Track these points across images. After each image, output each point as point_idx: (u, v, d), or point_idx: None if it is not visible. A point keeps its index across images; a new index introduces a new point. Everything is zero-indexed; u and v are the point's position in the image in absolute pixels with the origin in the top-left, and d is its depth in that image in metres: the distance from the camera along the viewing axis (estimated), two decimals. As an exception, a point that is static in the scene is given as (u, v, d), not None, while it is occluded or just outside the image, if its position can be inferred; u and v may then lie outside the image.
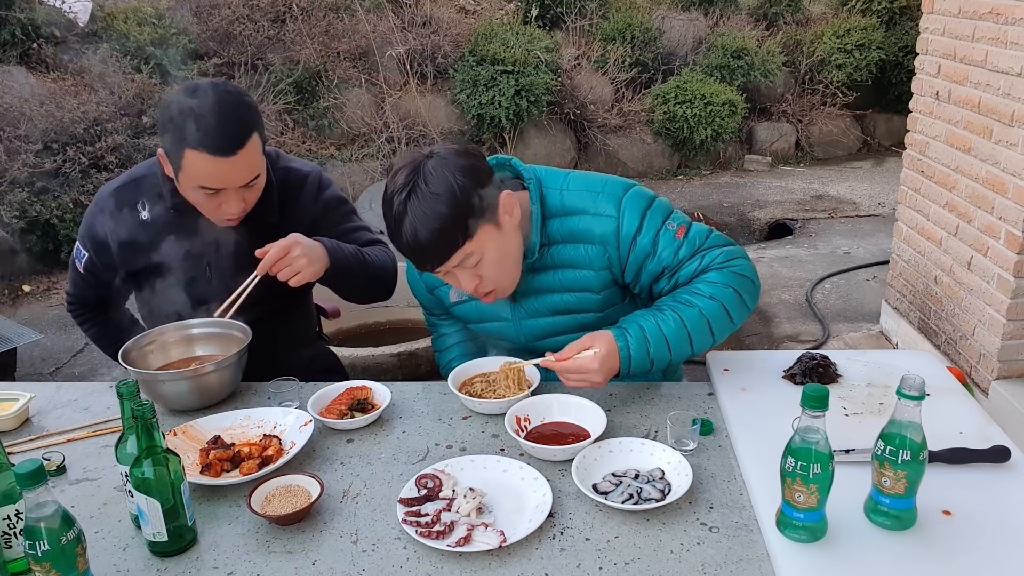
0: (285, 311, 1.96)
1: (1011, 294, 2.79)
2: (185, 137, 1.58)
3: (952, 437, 1.43)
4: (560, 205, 1.61)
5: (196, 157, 1.59)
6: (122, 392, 1.21)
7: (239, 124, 1.61)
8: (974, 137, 3.00)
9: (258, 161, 1.68)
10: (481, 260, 1.50)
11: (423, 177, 1.42)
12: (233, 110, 1.61)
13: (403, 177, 1.44)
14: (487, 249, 1.49)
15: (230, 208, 1.68)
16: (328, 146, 6.49)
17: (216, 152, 1.59)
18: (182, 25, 6.15)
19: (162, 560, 1.23)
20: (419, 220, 1.41)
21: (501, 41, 6.54)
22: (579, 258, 1.61)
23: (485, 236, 1.48)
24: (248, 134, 1.62)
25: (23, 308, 4.56)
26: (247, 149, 1.62)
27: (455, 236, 1.44)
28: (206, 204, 1.69)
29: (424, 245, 1.44)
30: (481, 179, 1.47)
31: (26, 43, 5.57)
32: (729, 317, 1.55)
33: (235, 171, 1.63)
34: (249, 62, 6.27)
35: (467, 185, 1.43)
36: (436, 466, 1.40)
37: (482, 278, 1.53)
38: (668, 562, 1.19)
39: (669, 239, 1.57)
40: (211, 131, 1.57)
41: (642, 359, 1.52)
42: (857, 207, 6.06)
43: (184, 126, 1.58)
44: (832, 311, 4.24)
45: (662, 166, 7.06)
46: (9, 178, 4.60)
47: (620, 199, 1.59)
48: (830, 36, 7.46)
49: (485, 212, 1.47)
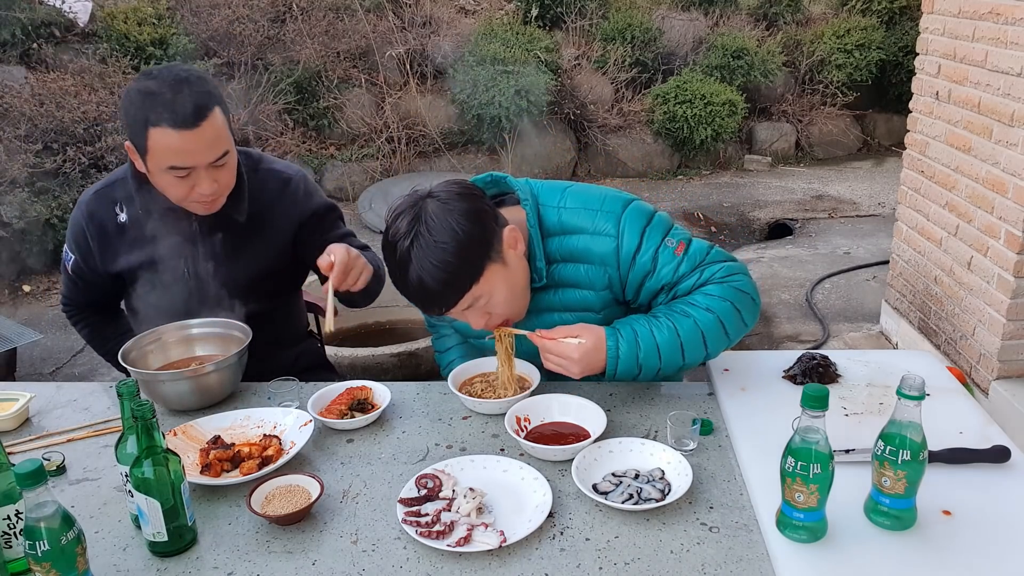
0: (269, 312, 1.95)
1: (1011, 294, 2.79)
2: (147, 117, 1.58)
3: (952, 437, 1.43)
4: (558, 224, 1.58)
5: (160, 134, 1.59)
6: (122, 392, 1.21)
7: (199, 96, 1.61)
8: (974, 137, 3.00)
9: (224, 135, 1.67)
10: (490, 300, 1.49)
11: (425, 224, 1.39)
12: (191, 84, 1.61)
13: (405, 223, 1.41)
14: (495, 289, 1.48)
15: (202, 188, 1.66)
16: (328, 146, 6.49)
17: (179, 125, 1.58)
18: (182, 25, 6.15)
19: (162, 560, 1.23)
20: (424, 270, 1.40)
21: (501, 41, 6.54)
22: (580, 278, 1.59)
23: (492, 276, 1.46)
24: (209, 107, 1.62)
25: (23, 308, 4.55)
26: (210, 121, 1.62)
27: (463, 282, 1.43)
28: (178, 189, 1.67)
29: (431, 293, 1.43)
30: (484, 221, 1.45)
31: (26, 43, 5.57)
32: (725, 332, 1.53)
33: (201, 143, 1.62)
34: (249, 62, 6.27)
35: (470, 230, 1.41)
36: (436, 466, 1.40)
37: (492, 314, 1.52)
38: (668, 562, 1.19)
39: (668, 256, 1.55)
40: (170, 105, 1.58)
41: (630, 363, 1.51)
42: (857, 207, 6.06)
43: (143, 106, 1.59)
44: (832, 311, 4.24)
45: (662, 166, 7.06)
46: (9, 178, 4.60)
47: (619, 217, 1.56)
48: (830, 36, 7.46)
49: (491, 253, 1.45)
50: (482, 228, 1.44)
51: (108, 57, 5.63)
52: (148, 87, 1.60)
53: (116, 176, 1.86)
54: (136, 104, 1.60)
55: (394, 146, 6.42)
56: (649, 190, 6.58)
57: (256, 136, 6.11)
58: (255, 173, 1.86)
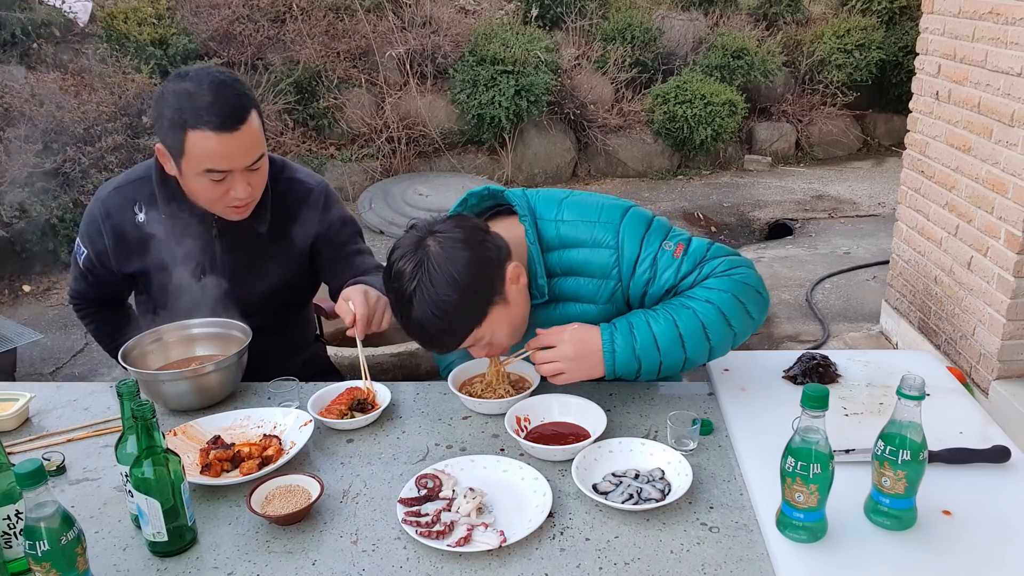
0: (281, 323, 1.95)
1: (1011, 294, 2.79)
2: (186, 119, 1.57)
3: (952, 437, 1.43)
4: (557, 238, 1.58)
5: (200, 137, 1.57)
6: (122, 392, 1.21)
7: (238, 97, 1.60)
8: (974, 137, 3.00)
9: (260, 138, 1.66)
10: (492, 336, 1.50)
11: (428, 272, 1.39)
12: (230, 86, 1.61)
13: (409, 267, 1.40)
14: (497, 328, 1.49)
15: (238, 192, 1.65)
16: (328, 146, 6.49)
17: (220, 128, 1.57)
18: (182, 25, 6.15)
19: (162, 560, 1.23)
20: (426, 317, 1.40)
21: (501, 41, 6.54)
22: (580, 291, 1.59)
23: (495, 318, 1.47)
24: (248, 108, 1.61)
25: (23, 308, 4.55)
26: (249, 124, 1.61)
27: (464, 329, 1.45)
28: (212, 193, 1.66)
29: (432, 338, 1.45)
30: (487, 269, 1.44)
31: (26, 43, 5.57)
32: (727, 323, 1.50)
33: (241, 147, 1.61)
34: (249, 62, 6.27)
35: (473, 281, 1.40)
36: (436, 466, 1.40)
37: (493, 345, 1.53)
38: (668, 562, 1.19)
39: (668, 260, 1.54)
40: (212, 107, 1.56)
41: (627, 355, 1.49)
42: (857, 207, 6.06)
43: (183, 108, 1.57)
44: (832, 311, 4.24)
45: (662, 166, 7.06)
46: (9, 178, 4.60)
47: (618, 227, 1.55)
48: (830, 36, 7.46)
49: (493, 298, 1.45)
50: (484, 277, 1.43)
51: (108, 57, 5.63)
52: (186, 89, 1.58)
53: (138, 174, 1.82)
54: (173, 106, 1.58)
55: (394, 146, 6.42)
56: (649, 190, 6.58)
57: (256, 136, 6.10)
58: (277, 182, 1.84)
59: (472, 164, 6.60)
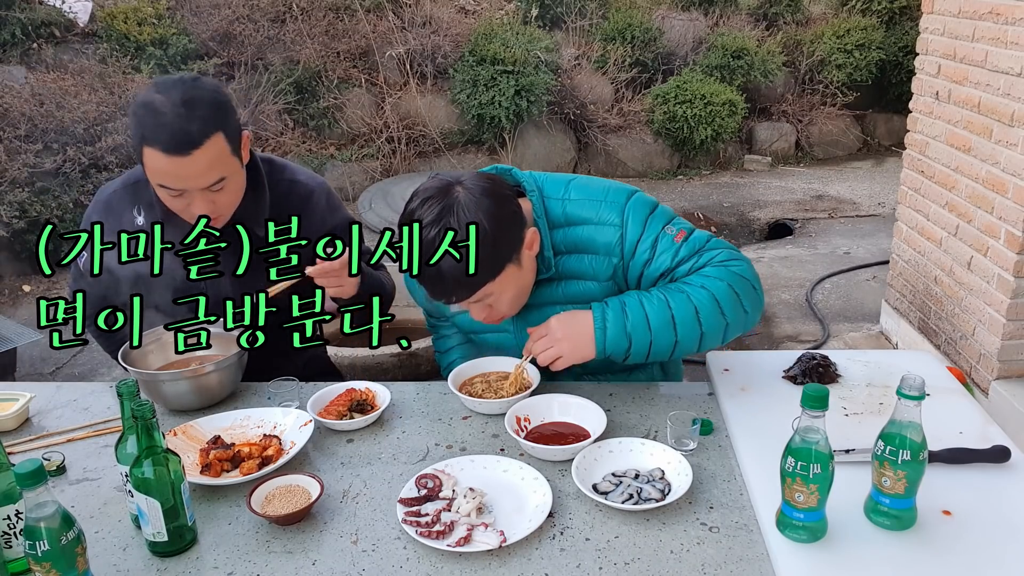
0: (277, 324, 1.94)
1: (1011, 294, 2.79)
2: (143, 134, 1.55)
3: (952, 437, 1.43)
4: (563, 215, 1.59)
5: (151, 155, 1.55)
6: (122, 392, 1.21)
7: (199, 122, 1.55)
8: (974, 137, 3.00)
9: (222, 162, 1.61)
10: (499, 297, 1.50)
11: (456, 217, 1.39)
12: (195, 107, 1.55)
13: (434, 212, 1.40)
14: (506, 289, 1.50)
15: (197, 209, 1.62)
16: (328, 146, 6.49)
17: (170, 151, 1.53)
18: (182, 25, 6.15)
19: (162, 560, 1.23)
20: (446, 262, 1.39)
21: (501, 41, 6.54)
22: (583, 269, 1.60)
23: (507, 277, 1.48)
24: (207, 134, 1.55)
25: (23, 308, 4.55)
26: (205, 150, 1.56)
27: (480, 281, 1.44)
28: (173, 204, 1.65)
29: (446, 285, 1.44)
30: (512, 225, 1.46)
31: (26, 43, 5.57)
32: (720, 311, 1.50)
33: (194, 171, 1.57)
34: (249, 62, 6.27)
35: (498, 234, 1.41)
36: (436, 466, 1.40)
37: (493, 309, 1.54)
38: (668, 562, 1.19)
39: (668, 243, 1.56)
40: (167, 128, 1.52)
41: (618, 334, 1.49)
42: (857, 207, 6.06)
43: (143, 122, 1.55)
44: (832, 311, 4.24)
45: (662, 166, 7.06)
46: (9, 178, 4.60)
47: (623, 207, 1.57)
48: (830, 36, 7.46)
49: (512, 256, 1.47)
50: (509, 233, 1.45)
51: (108, 57, 5.63)
52: (152, 101, 1.55)
53: (137, 176, 1.81)
54: (137, 116, 1.56)
55: (394, 146, 6.42)
56: (649, 190, 6.53)
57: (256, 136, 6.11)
58: (279, 184, 1.83)
59: (472, 164, 6.60)
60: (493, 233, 1.40)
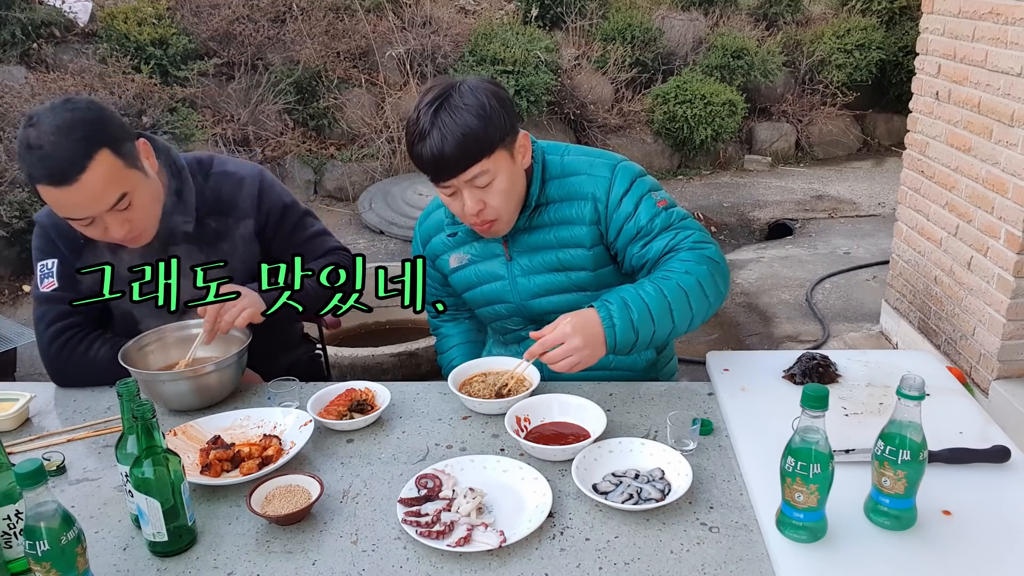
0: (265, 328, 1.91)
1: (1011, 294, 2.79)
2: (29, 172, 1.49)
3: (952, 437, 1.43)
4: (560, 167, 1.71)
5: (43, 191, 1.50)
6: (122, 392, 1.21)
7: (75, 146, 1.47)
8: (974, 137, 3.00)
9: (116, 180, 1.53)
10: (492, 183, 1.56)
11: (457, 92, 1.52)
12: (69, 132, 1.48)
13: (435, 93, 1.53)
14: (499, 173, 1.57)
15: (113, 232, 1.58)
16: (328, 146, 6.49)
17: (55, 183, 1.48)
18: (182, 25, 6.15)
19: (162, 560, 1.23)
20: (447, 128, 1.49)
21: (501, 41, 6.54)
22: (572, 215, 1.69)
23: (501, 160, 1.56)
24: (89, 155, 1.48)
25: (23, 308, 4.55)
26: (92, 172, 1.49)
27: (479, 149, 1.52)
28: (90, 233, 1.59)
29: (447, 153, 1.50)
30: (509, 107, 1.58)
31: (26, 43, 5.57)
32: (704, 293, 1.58)
33: (86, 197, 1.51)
34: (249, 62, 6.27)
35: (497, 107, 1.53)
36: (436, 466, 1.40)
37: (487, 204, 1.58)
38: (668, 562, 1.19)
39: (650, 205, 1.65)
40: (44, 162, 1.47)
41: (626, 329, 1.52)
42: (857, 207, 6.06)
43: (24, 159, 1.49)
44: (832, 311, 4.24)
45: (662, 166, 7.06)
46: (9, 178, 4.60)
47: (615, 165, 1.70)
48: (830, 36, 7.46)
49: (506, 138, 1.56)
50: (506, 111, 1.56)
51: (108, 57, 5.63)
52: (26, 137, 1.48)
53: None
54: (21, 156, 1.50)
55: (394, 146, 6.42)
56: (649, 190, 6.58)
57: (256, 136, 6.12)
58: (207, 179, 1.79)
59: (472, 164, 6.60)
60: (490, 106, 1.52)
